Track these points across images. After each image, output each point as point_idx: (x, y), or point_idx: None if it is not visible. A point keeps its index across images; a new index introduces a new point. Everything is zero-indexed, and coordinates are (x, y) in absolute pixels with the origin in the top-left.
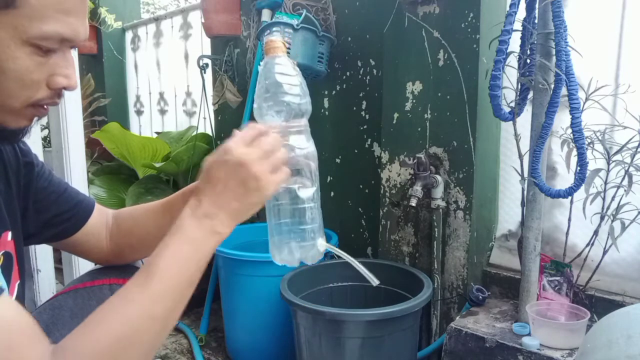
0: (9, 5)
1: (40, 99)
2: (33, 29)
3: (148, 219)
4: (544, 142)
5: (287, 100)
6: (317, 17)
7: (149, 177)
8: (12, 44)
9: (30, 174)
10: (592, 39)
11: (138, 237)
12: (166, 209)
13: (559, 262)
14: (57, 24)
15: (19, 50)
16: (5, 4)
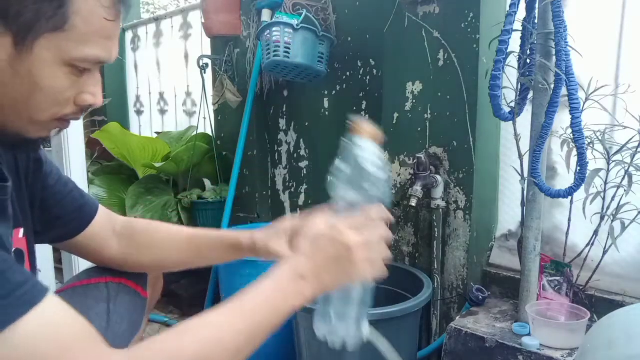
0: (58, 28)
1: (66, 114)
2: (76, 52)
3: (171, 248)
4: (544, 142)
5: (369, 188)
6: (317, 17)
7: (149, 177)
8: (53, 64)
9: (38, 171)
10: (592, 39)
11: (153, 259)
12: (193, 243)
13: (559, 262)
14: (97, 48)
15: (58, 70)
16: (55, 27)
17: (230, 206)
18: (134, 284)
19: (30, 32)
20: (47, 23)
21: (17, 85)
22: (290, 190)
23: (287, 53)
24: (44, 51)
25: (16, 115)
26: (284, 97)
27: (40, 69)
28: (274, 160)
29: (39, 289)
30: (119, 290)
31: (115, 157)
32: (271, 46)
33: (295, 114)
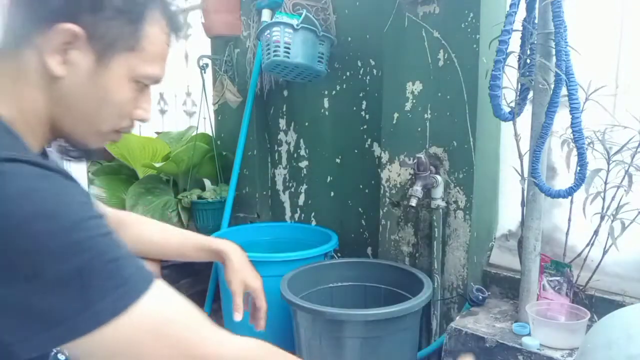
0: (132, 49)
1: (122, 127)
2: (143, 70)
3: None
4: (544, 142)
5: None
6: (317, 17)
7: (149, 177)
8: (123, 79)
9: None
10: (592, 39)
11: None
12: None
13: (559, 262)
14: (158, 68)
15: (126, 85)
16: (130, 47)
17: (230, 206)
18: None
19: (110, 50)
20: (124, 43)
21: (91, 98)
22: (290, 190)
23: (287, 53)
24: (118, 67)
25: (84, 126)
26: (284, 97)
27: (112, 83)
28: (274, 160)
29: (146, 277)
30: None
31: (115, 157)
32: (271, 46)
33: (295, 114)
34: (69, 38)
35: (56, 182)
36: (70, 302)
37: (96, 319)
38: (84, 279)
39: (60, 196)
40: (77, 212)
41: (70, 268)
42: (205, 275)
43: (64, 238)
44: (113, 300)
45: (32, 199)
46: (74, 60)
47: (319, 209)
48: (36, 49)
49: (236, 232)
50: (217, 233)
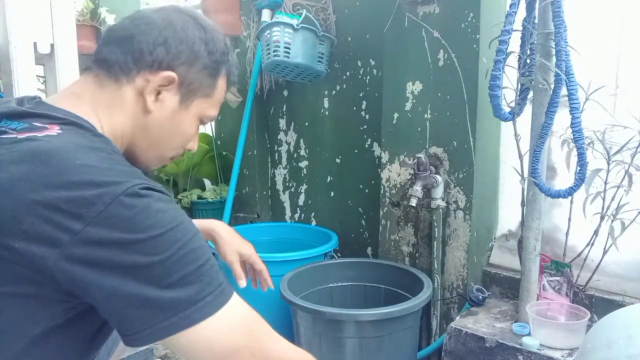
0: (207, 96)
1: (177, 155)
2: (209, 112)
3: None
4: (544, 142)
5: None
6: (317, 17)
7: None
8: (194, 118)
9: None
10: (592, 39)
11: None
12: None
13: (559, 262)
14: (216, 111)
15: (194, 122)
16: (206, 95)
17: (230, 206)
18: None
19: (194, 95)
20: (204, 91)
21: (169, 129)
22: (290, 190)
23: (287, 53)
24: (194, 108)
25: (155, 150)
26: (284, 97)
27: (187, 120)
28: (274, 160)
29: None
30: None
31: None
32: (271, 46)
33: (295, 114)
34: (165, 82)
35: (176, 205)
36: (189, 297)
37: (205, 311)
38: (200, 278)
39: (182, 215)
40: (193, 228)
41: (192, 270)
42: None
43: (190, 245)
44: (216, 295)
45: (170, 216)
46: (164, 99)
47: (319, 209)
48: (135, 85)
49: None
50: None
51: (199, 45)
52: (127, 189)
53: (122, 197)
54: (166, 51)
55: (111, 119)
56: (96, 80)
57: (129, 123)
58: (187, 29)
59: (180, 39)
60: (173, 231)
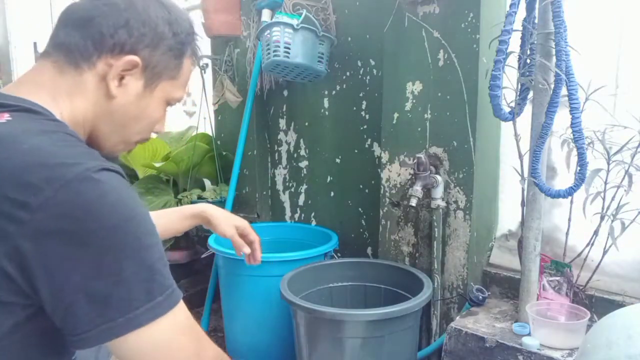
0: (173, 78)
1: (143, 138)
2: (175, 94)
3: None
4: (544, 142)
5: None
6: (317, 17)
7: (149, 177)
8: (161, 101)
9: None
10: (592, 39)
11: None
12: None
13: (559, 262)
14: (183, 91)
15: (160, 106)
16: (171, 77)
17: (230, 206)
18: None
19: (158, 79)
20: (169, 74)
21: (133, 114)
22: (290, 190)
23: (287, 53)
24: (159, 92)
25: (118, 136)
26: (284, 97)
27: (153, 104)
28: (274, 160)
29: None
30: None
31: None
32: (271, 46)
33: (295, 114)
34: (128, 67)
35: (134, 192)
36: (139, 295)
37: (155, 312)
38: (152, 277)
39: (140, 206)
40: (150, 221)
41: (145, 267)
42: (205, 275)
43: (145, 240)
44: (167, 296)
45: (126, 205)
46: (128, 84)
47: (319, 209)
48: (97, 71)
49: None
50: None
51: (162, 27)
52: (80, 173)
53: (74, 182)
54: (128, 34)
55: (71, 106)
56: (55, 66)
57: (91, 109)
58: (150, 10)
59: (142, 21)
60: (128, 223)
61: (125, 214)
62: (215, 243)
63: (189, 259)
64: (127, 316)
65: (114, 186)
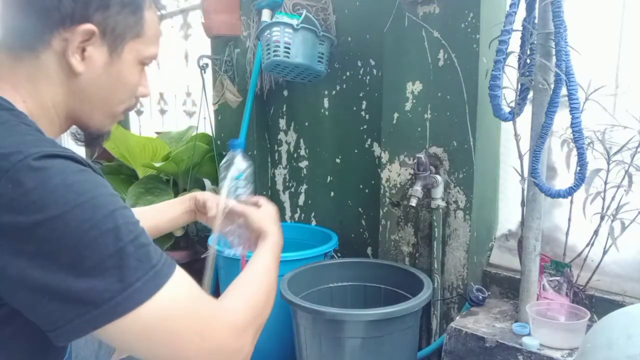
0: (138, 35)
1: (130, 105)
2: (147, 52)
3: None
4: (544, 142)
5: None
6: (317, 17)
7: (149, 177)
8: (133, 64)
9: None
10: (592, 39)
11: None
12: (157, 210)
13: (559, 262)
14: (156, 47)
15: (135, 68)
16: (136, 34)
17: None
18: None
19: (122, 41)
20: (132, 32)
21: (107, 85)
22: (290, 190)
23: (287, 53)
24: (128, 55)
25: (101, 112)
26: (284, 97)
27: (125, 69)
28: (274, 160)
29: (170, 261)
30: None
31: (115, 157)
32: (271, 46)
33: (295, 114)
34: (86, 37)
35: (90, 175)
36: (110, 285)
37: (134, 299)
38: (122, 262)
39: (96, 188)
40: (111, 203)
41: (109, 253)
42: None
43: (103, 226)
44: (147, 280)
45: (74, 191)
46: (91, 56)
47: (319, 209)
48: (53, 49)
49: None
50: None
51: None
52: (18, 162)
53: (10, 172)
54: (74, 1)
55: (35, 92)
56: (10, 54)
57: (60, 91)
58: None
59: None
60: (79, 209)
61: (72, 200)
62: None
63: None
64: (102, 308)
65: (57, 172)
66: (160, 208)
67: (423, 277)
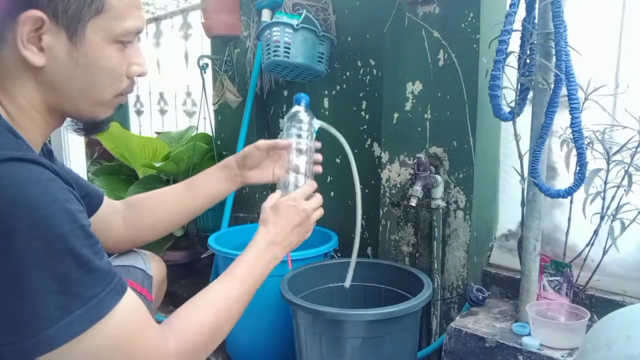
0: (100, 11)
1: (124, 89)
2: (118, 28)
3: (170, 198)
4: (543, 142)
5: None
6: (317, 17)
7: (149, 177)
8: (103, 45)
9: (51, 160)
10: (592, 39)
11: (159, 215)
12: (187, 187)
13: (559, 262)
14: (133, 19)
15: (108, 48)
16: (96, 10)
17: (230, 206)
18: (140, 287)
19: (79, 22)
20: (90, 9)
21: (79, 74)
22: None
23: (287, 53)
24: (93, 36)
25: (85, 102)
26: (284, 97)
27: (94, 52)
28: None
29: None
30: None
31: (115, 157)
32: (271, 46)
33: None
34: (35, 25)
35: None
36: (50, 310)
37: (72, 329)
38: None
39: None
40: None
41: (57, 275)
42: (205, 275)
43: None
44: (90, 308)
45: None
46: (49, 44)
47: None
48: (10, 44)
49: (236, 232)
50: (217, 233)
51: None
52: None
53: None
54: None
55: (4, 91)
56: None
57: (29, 86)
58: None
59: None
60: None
61: (26, 215)
62: (215, 243)
63: (189, 259)
64: (37, 337)
65: (14, 181)
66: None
67: (423, 277)
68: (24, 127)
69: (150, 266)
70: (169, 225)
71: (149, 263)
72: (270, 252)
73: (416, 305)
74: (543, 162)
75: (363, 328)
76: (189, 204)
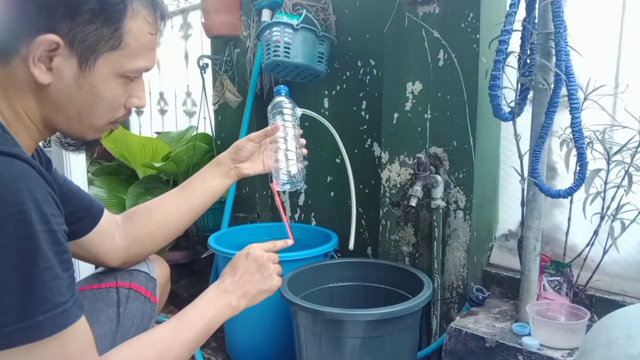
0: (115, 47)
1: (118, 117)
2: (129, 65)
3: (166, 203)
4: (543, 142)
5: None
6: (317, 17)
7: (149, 177)
8: (110, 77)
9: (49, 170)
10: (592, 39)
11: (158, 222)
12: (183, 188)
13: (559, 262)
14: (145, 60)
15: (114, 82)
16: (112, 47)
17: (230, 206)
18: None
19: (93, 53)
20: (106, 44)
21: (81, 98)
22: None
23: (287, 53)
24: (103, 67)
25: (79, 123)
26: None
27: (99, 82)
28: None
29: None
30: (129, 295)
31: (115, 157)
32: (271, 46)
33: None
34: (50, 47)
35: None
36: (11, 309)
37: (31, 333)
38: (33, 288)
39: (29, 200)
40: (45, 218)
41: (23, 275)
42: (205, 275)
43: (25, 243)
44: (54, 316)
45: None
46: (58, 66)
47: (319, 209)
48: (22, 58)
49: (236, 232)
50: (217, 233)
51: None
52: None
53: None
54: (37, 7)
55: (6, 96)
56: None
57: (30, 98)
58: None
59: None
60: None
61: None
62: (215, 243)
63: (189, 259)
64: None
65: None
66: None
67: (423, 277)
68: (17, 132)
69: (153, 268)
70: (169, 231)
71: (152, 265)
72: (223, 299)
73: (416, 305)
74: (543, 162)
75: (363, 328)
76: (187, 203)
